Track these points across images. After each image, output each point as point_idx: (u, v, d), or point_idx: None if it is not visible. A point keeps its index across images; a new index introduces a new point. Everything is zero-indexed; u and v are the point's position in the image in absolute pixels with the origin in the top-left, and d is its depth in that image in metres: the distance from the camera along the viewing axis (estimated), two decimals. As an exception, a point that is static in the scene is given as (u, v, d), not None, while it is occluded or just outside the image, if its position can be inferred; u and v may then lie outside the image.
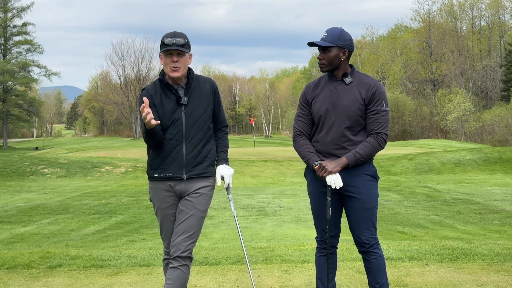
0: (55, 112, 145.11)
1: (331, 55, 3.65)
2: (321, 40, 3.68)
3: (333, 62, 3.67)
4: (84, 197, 17.31)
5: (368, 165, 3.71)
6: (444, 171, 24.46)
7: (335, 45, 3.63)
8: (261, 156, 31.20)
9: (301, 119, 3.83)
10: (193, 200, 3.70)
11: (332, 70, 3.72)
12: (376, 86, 3.66)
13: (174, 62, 3.63)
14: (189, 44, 3.69)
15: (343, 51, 3.66)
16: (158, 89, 3.74)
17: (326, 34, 3.69)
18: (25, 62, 76.97)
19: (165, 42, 3.62)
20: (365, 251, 3.75)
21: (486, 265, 5.49)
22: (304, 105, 3.82)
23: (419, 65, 74.36)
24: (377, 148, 3.66)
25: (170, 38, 3.62)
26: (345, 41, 3.66)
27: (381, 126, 3.64)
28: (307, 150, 3.75)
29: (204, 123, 3.74)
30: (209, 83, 3.84)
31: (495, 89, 67.96)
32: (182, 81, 3.75)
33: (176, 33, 3.67)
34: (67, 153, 38.72)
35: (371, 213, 3.71)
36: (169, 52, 3.63)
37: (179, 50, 3.62)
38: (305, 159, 3.76)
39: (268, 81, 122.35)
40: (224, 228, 10.76)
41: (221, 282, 5.03)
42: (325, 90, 3.75)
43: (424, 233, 9.89)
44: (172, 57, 3.63)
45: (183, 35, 3.67)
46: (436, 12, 75.92)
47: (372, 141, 3.64)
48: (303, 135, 3.81)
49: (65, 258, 6.02)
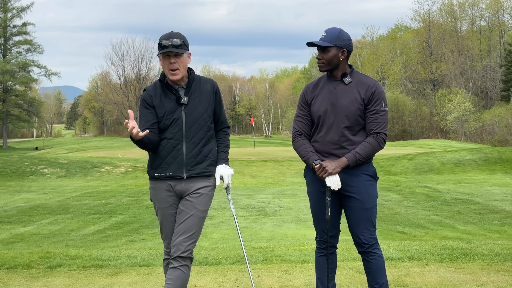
0: (55, 112, 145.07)
1: (330, 55, 3.67)
2: (320, 40, 3.69)
3: (332, 62, 3.69)
4: (84, 197, 17.31)
5: (367, 165, 3.72)
6: (444, 171, 24.46)
7: (334, 45, 3.65)
8: (261, 156, 31.20)
9: (300, 119, 3.83)
10: (194, 200, 3.70)
11: (331, 70, 3.74)
12: (375, 86, 3.68)
13: (172, 64, 3.63)
14: (186, 44, 3.67)
15: (341, 51, 3.68)
16: (158, 90, 3.75)
17: (325, 34, 3.71)
18: (25, 62, 76.95)
19: (162, 44, 3.62)
20: (365, 251, 3.75)
21: (486, 265, 5.49)
22: (304, 106, 3.83)
23: (419, 65, 74.32)
24: (377, 148, 3.67)
25: (166, 39, 3.61)
26: (343, 41, 3.68)
27: (380, 126, 3.66)
28: (306, 149, 3.75)
29: (204, 123, 3.74)
30: (210, 84, 3.84)
31: (495, 89, 67.97)
32: (183, 81, 3.75)
33: (172, 33, 3.65)
34: (67, 153, 38.73)
35: (370, 213, 3.72)
36: (166, 54, 3.63)
37: (176, 51, 3.61)
38: (304, 159, 3.76)
39: (268, 81, 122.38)
40: (224, 228, 10.76)
41: (221, 282, 5.03)
42: (324, 90, 3.76)
43: (424, 233, 9.88)
44: (170, 59, 3.63)
45: (179, 35, 3.65)
46: (436, 12, 76.00)
47: (372, 141, 3.65)
48: (302, 135, 3.82)
49: (65, 258, 6.01)
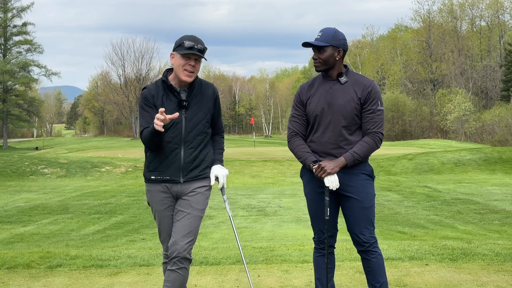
0: (55, 112, 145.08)
1: (326, 54, 3.68)
2: (315, 40, 3.70)
3: (328, 61, 3.69)
4: (84, 197, 17.31)
5: (364, 165, 3.73)
6: (444, 171, 24.46)
7: (330, 44, 3.66)
8: (261, 156, 31.20)
9: (295, 119, 3.83)
10: (190, 199, 3.68)
11: (327, 70, 3.75)
12: (372, 85, 3.69)
13: (192, 67, 3.62)
14: (205, 51, 3.68)
15: (337, 51, 3.69)
16: (160, 90, 3.70)
17: (320, 34, 3.72)
18: (25, 62, 76.99)
19: (186, 45, 3.58)
20: (365, 251, 3.75)
21: (486, 265, 5.48)
22: (299, 106, 3.82)
23: (419, 65, 74.34)
24: (374, 148, 3.68)
25: (191, 42, 3.59)
26: (339, 40, 3.69)
27: (376, 125, 3.67)
28: (303, 150, 3.74)
29: (203, 128, 3.72)
30: (211, 89, 3.82)
31: (495, 89, 67.98)
32: (185, 84, 3.72)
33: (197, 38, 3.65)
34: (67, 153, 38.70)
35: (369, 212, 3.72)
36: (187, 55, 3.60)
37: (198, 55, 3.60)
38: (301, 159, 3.75)
39: (268, 81, 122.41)
40: (224, 228, 10.76)
41: (221, 282, 5.03)
42: (320, 90, 3.76)
43: (424, 233, 9.88)
44: (190, 61, 3.61)
45: (203, 41, 3.66)
46: (436, 12, 76.04)
47: (369, 140, 3.66)
48: (298, 136, 3.81)
49: (65, 258, 6.01)
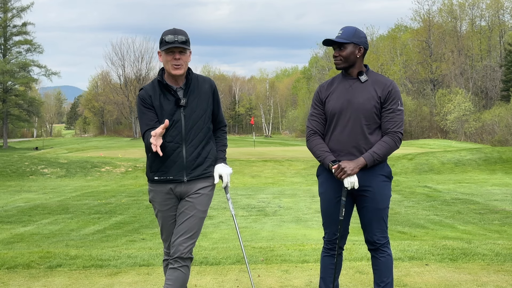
0: (55, 112, 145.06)
1: (347, 51, 3.65)
2: (336, 38, 3.68)
3: (348, 59, 3.67)
4: (84, 197, 17.31)
5: (383, 165, 3.69)
6: (444, 171, 24.46)
7: (351, 41, 3.64)
8: (261, 156, 31.19)
9: (314, 118, 3.79)
10: (193, 200, 3.66)
11: (347, 68, 3.72)
12: (392, 85, 3.68)
13: (176, 60, 3.56)
14: (189, 41, 3.63)
15: (358, 48, 3.67)
16: (157, 90, 3.66)
17: (341, 31, 3.69)
18: (25, 62, 77.02)
19: (166, 39, 3.54)
20: (375, 249, 3.76)
21: (486, 265, 5.48)
22: (318, 104, 3.79)
23: (419, 65, 74.29)
24: (393, 148, 3.64)
25: (171, 35, 3.54)
26: (360, 38, 3.68)
27: (396, 125, 3.64)
28: (322, 149, 3.70)
29: (203, 124, 3.70)
30: (209, 83, 3.78)
31: (495, 89, 67.95)
32: (181, 82, 3.68)
33: (177, 30, 3.59)
34: (67, 153, 38.69)
35: (383, 213, 3.71)
36: (170, 50, 3.56)
37: (181, 48, 3.55)
38: (320, 158, 3.71)
39: (268, 81, 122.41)
40: (224, 228, 10.76)
41: (221, 282, 5.02)
42: (339, 88, 3.73)
43: (424, 233, 9.88)
44: (174, 55, 3.56)
45: (184, 32, 3.60)
46: (436, 12, 75.96)
47: (389, 140, 3.63)
48: (317, 134, 3.77)
49: (65, 258, 6.01)
